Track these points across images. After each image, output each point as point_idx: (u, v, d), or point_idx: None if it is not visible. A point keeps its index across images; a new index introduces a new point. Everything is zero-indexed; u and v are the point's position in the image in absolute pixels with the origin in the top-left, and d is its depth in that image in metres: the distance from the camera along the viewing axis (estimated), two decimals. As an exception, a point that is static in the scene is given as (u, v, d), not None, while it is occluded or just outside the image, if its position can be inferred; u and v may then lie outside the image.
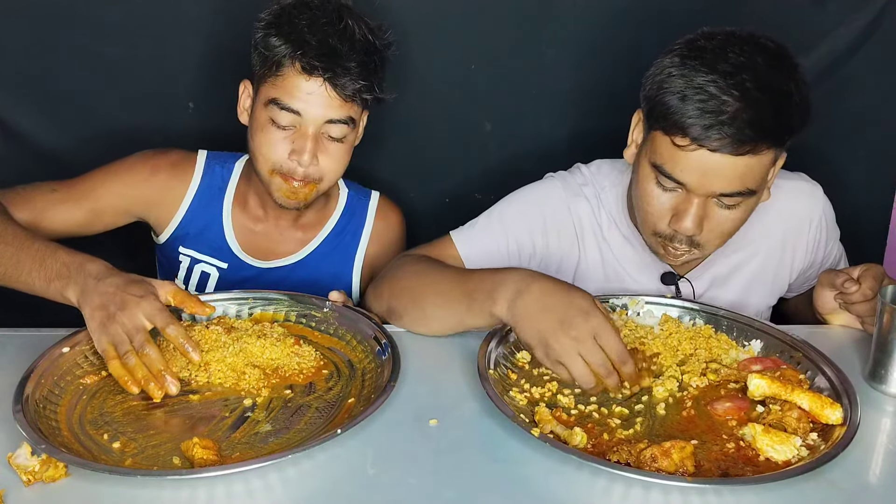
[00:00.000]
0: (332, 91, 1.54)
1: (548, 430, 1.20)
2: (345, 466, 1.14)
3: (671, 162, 1.39)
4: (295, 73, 1.53)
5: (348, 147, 1.62)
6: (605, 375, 1.25)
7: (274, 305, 1.50)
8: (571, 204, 1.62)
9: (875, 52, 1.96)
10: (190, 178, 1.72)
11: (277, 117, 1.56)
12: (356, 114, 1.60)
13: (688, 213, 1.41)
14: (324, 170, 1.60)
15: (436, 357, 1.42)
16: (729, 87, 1.32)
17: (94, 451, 1.14)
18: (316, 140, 1.57)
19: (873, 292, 1.45)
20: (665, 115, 1.37)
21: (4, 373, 1.29)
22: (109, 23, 1.83)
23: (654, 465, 1.11)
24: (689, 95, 1.34)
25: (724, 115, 1.32)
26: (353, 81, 1.54)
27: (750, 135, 1.33)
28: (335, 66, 1.52)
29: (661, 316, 1.50)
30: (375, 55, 1.58)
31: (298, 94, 1.54)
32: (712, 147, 1.34)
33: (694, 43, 1.39)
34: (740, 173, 1.37)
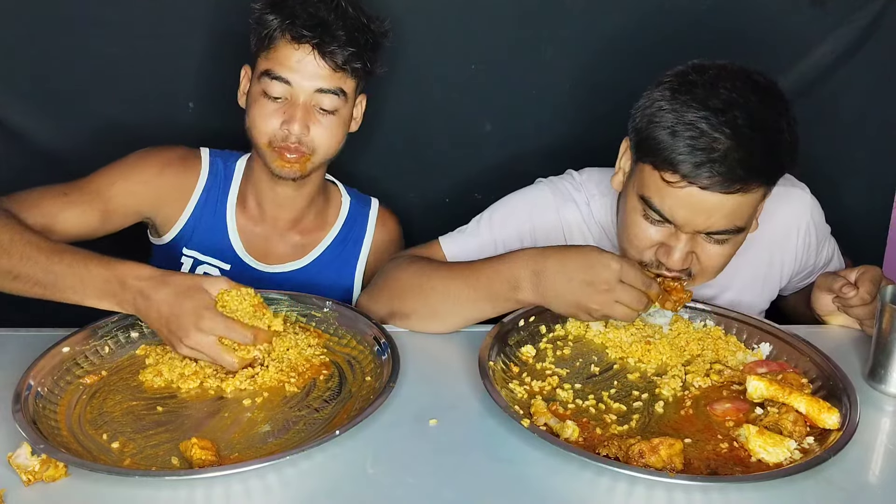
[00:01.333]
0: (321, 60, 1.55)
1: (541, 422, 1.20)
2: (344, 466, 1.14)
3: (659, 197, 1.36)
4: (285, 44, 1.56)
5: (341, 121, 1.62)
6: (642, 309, 1.34)
7: (274, 305, 1.50)
8: (561, 209, 1.61)
9: (875, 52, 1.96)
10: (197, 174, 1.72)
11: (269, 88, 1.57)
12: (348, 87, 1.61)
13: (676, 248, 1.38)
14: (315, 141, 1.60)
15: (436, 357, 1.42)
16: (721, 124, 1.29)
17: (93, 450, 1.15)
18: (307, 110, 1.58)
19: (871, 296, 1.45)
20: (655, 149, 1.34)
21: (4, 373, 1.29)
22: (109, 23, 1.83)
23: (642, 461, 1.11)
24: (679, 131, 1.31)
25: (715, 153, 1.29)
26: (342, 49, 1.56)
27: (741, 174, 1.30)
28: (324, 34, 1.54)
29: (672, 316, 1.50)
30: (367, 33, 1.60)
31: (288, 63, 1.56)
32: (702, 185, 1.31)
33: (685, 77, 1.36)
34: (729, 211, 1.34)
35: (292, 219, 1.74)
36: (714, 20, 1.92)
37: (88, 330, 1.38)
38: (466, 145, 2.02)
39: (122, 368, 1.34)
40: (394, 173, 2.01)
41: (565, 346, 1.43)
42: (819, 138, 1.99)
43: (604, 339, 1.45)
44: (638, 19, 1.93)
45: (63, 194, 1.58)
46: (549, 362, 1.38)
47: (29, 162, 1.90)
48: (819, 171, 1.73)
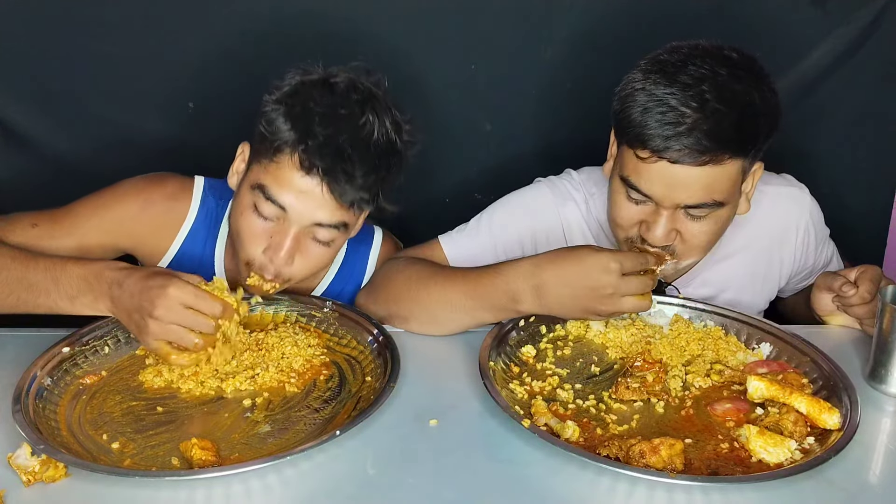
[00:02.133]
0: (329, 194, 1.37)
1: (542, 422, 1.20)
2: (345, 467, 1.14)
3: (636, 174, 1.40)
4: (291, 166, 1.37)
5: (334, 249, 1.47)
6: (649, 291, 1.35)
7: (274, 305, 1.50)
8: (560, 208, 1.62)
9: (875, 52, 1.96)
10: (185, 212, 1.57)
11: (261, 207, 1.40)
12: (351, 219, 1.44)
13: (657, 223, 1.41)
14: (296, 271, 1.44)
15: (436, 357, 1.42)
16: (687, 98, 1.33)
17: (93, 451, 1.14)
18: (297, 241, 1.41)
19: (871, 295, 1.45)
20: (629, 128, 1.38)
21: (4, 373, 1.29)
22: (109, 23, 1.83)
23: (643, 461, 1.11)
24: (650, 108, 1.35)
25: (682, 126, 1.33)
26: (354, 190, 1.38)
27: (708, 145, 1.33)
28: (337, 168, 1.36)
29: (673, 316, 1.50)
30: (391, 157, 1.43)
31: (289, 189, 1.38)
32: (672, 158, 1.34)
33: (657, 57, 1.40)
34: (704, 184, 1.37)
35: None
36: (714, 20, 1.92)
37: (88, 330, 1.38)
38: (466, 145, 2.02)
39: (122, 368, 1.34)
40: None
41: (566, 346, 1.43)
42: (819, 138, 1.99)
43: (604, 339, 1.45)
44: (638, 19, 1.93)
45: (32, 225, 1.48)
46: (549, 362, 1.38)
47: (29, 162, 1.90)
48: (819, 170, 1.73)
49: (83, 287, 1.29)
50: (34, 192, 1.68)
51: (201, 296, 1.25)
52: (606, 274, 1.31)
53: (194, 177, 1.62)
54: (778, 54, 1.93)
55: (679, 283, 1.61)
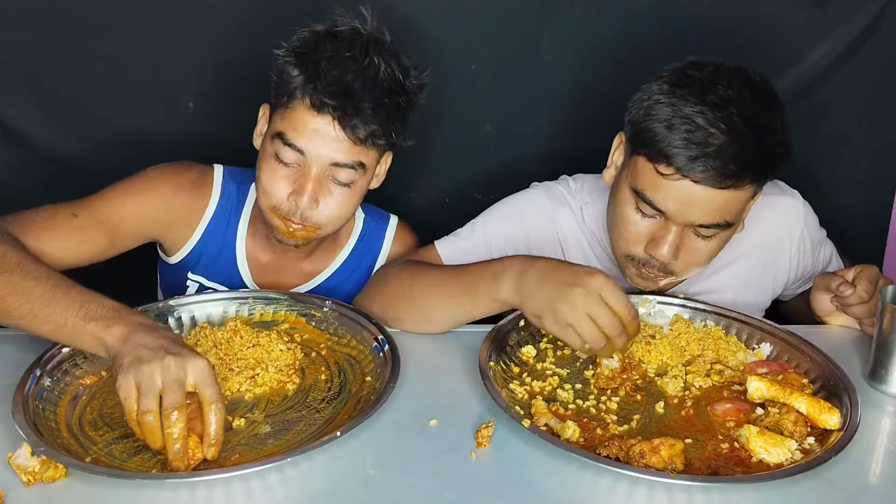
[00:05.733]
0: (341, 132, 1.43)
1: (542, 423, 1.20)
2: (345, 467, 1.14)
3: (653, 189, 1.38)
4: (304, 109, 1.43)
5: (356, 192, 1.52)
6: (615, 335, 1.25)
7: (274, 305, 1.50)
8: (556, 213, 1.61)
9: (875, 52, 1.96)
10: (208, 199, 1.63)
11: (281, 153, 1.46)
12: (368, 158, 1.49)
13: (665, 240, 1.40)
14: (322, 216, 1.49)
15: (436, 357, 1.42)
16: (717, 119, 1.31)
17: (93, 451, 1.14)
18: (319, 182, 1.47)
19: (869, 294, 1.45)
20: (650, 142, 1.36)
21: (4, 373, 1.29)
22: (109, 23, 1.83)
23: (643, 462, 1.11)
24: (675, 125, 1.33)
25: (709, 147, 1.31)
26: (365, 124, 1.43)
27: (734, 169, 1.32)
28: (347, 104, 1.42)
29: (673, 316, 1.50)
30: (399, 97, 1.47)
31: (304, 132, 1.44)
32: (696, 178, 1.33)
33: (683, 72, 1.38)
34: (720, 206, 1.36)
35: (305, 249, 1.63)
36: (714, 20, 1.92)
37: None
38: (466, 145, 2.02)
39: (122, 369, 1.34)
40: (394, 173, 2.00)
41: (566, 346, 1.43)
42: (819, 138, 1.99)
43: (604, 339, 1.44)
44: (638, 19, 1.93)
45: (73, 216, 1.49)
46: (549, 362, 1.38)
47: (29, 162, 1.90)
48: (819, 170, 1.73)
49: (108, 315, 1.19)
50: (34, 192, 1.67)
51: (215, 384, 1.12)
52: (590, 278, 1.25)
53: (213, 165, 1.66)
54: (778, 54, 1.93)
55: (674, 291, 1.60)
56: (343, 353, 1.40)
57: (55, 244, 1.45)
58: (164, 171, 1.60)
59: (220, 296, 1.51)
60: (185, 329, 1.45)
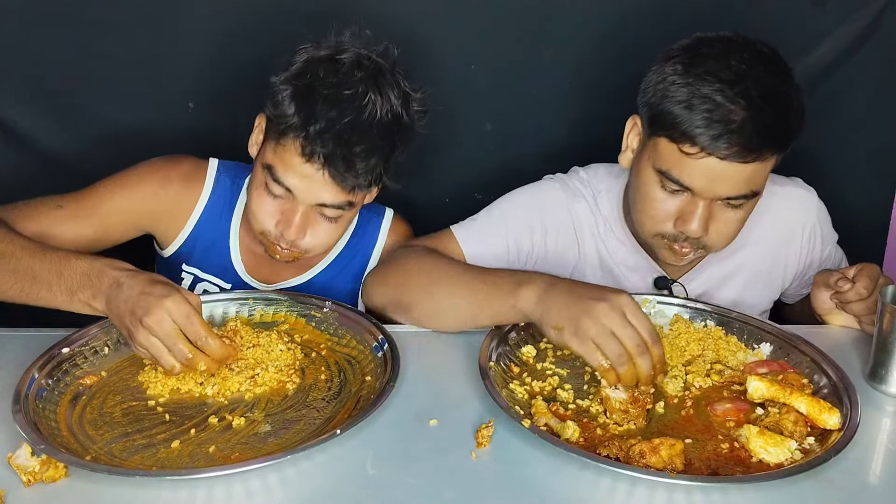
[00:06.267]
0: (330, 179, 1.44)
1: (542, 422, 1.20)
2: (345, 466, 1.14)
3: (678, 168, 1.40)
4: (294, 151, 1.43)
5: (344, 223, 1.54)
6: (636, 353, 1.22)
7: (274, 305, 1.50)
8: (571, 204, 1.62)
9: (875, 52, 1.96)
10: (200, 191, 1.64)
11: (270, 186, 1.47)
12: (356, 198, 1.50)
13: (694, 215, 1.42)
14: (309, 244, 1.52)
15: (436, 357, 1.42)
16: (735, 95, 1.34)
17: (93, 451, 1.14)
18: (306, 216, 1.49)
19: (868, 291, 1.45)
20: (671, 123, 1.38)
21: (4, 373, 1.29)
22: (109, 23, 1.83)
23: (643, 461, 1.11)
24: (695, 105, 1.35)
25: (732, 124, 1.33)
26: (354, 176, 1.44)
27: (757, 143, 1.35)
28: (337, 154, 1.41)
29: (673, 316, 1.50)
30: (395, 135, 1.47)
31: (294, 174, 1.44)
32: (721, 156, 1.35)
33: (696, 50, 1.40)
34: (746, 178, 1.39)
35: None
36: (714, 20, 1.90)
37: (88, 330, 1.38)
38: (466, 145, 2.02)
39: (121, 369, 1.34)
40: (393, 173, 2.01)
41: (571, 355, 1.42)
42: (819, 138, 1.99)
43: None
44: (637, 19, 1.93)
45: (58, 207, 1.52)
46: (549, 362, 1.38)
47: (29, 162, 1.90)
48: (819, 170, 1.73)
49: (84, 282, 1.28)
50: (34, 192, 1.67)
51: (192, 319, 1.23)
52: (617, 296, 1.25)
53: (209, 159, 1.67)
54: (778, 54, 1.93)
55: (685, 278, 1.62)
56: (343, 354, 1.40)
57: (40, 231, 1.49)
58: (154, 163, 1.63)
59: (220, 296, 1.51)
60: None
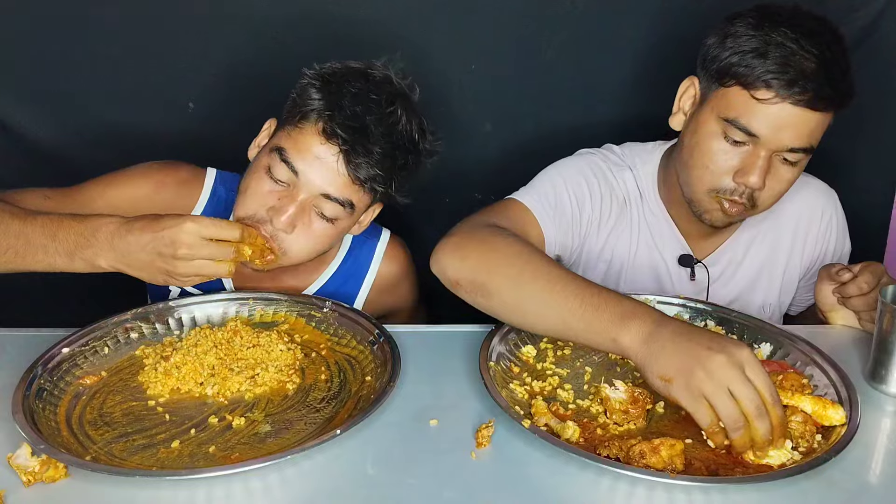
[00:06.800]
0: (344, 167, 1.41)
1: (542, 423, 1.20)
2: (345, 466, 1.14)
3: (748, 114, 1.42)
4: (313, 132, 1.41)
5: (335, 231, 1.47)
6: (755, 416, 1.10)
7: (274, 305, 1.50)
8: (617, 172, 1.65)
9: (875, 52, 1.96)
10: (196, 200, 1.60)
11: (275, 168, 1.42)
12: (359, 200, 1.46)
13: (755, 166, 1.44)
14: (292, 243, 1.44)
15: (436, 357, 1.42)
16: (810, 45, 1.38)
17: (93, 451, 1.14)
18: (302, 209, 1.43)
19: (869, 286, 1.46)
20: (744, 72, 1.41)
21: (4, 373, 1.29)
22: (109, 23, 1.83)
23: (643, 462, 1.11)
24: (770, 51, 1.39)
25: (806, 70, 1.38)
26: (370, 166, 1.41)
27: (828, 91, 1.39)
28: (358, 142, 1.40)
29: (674, 316, 1.50)
30: (410, 154, 1.46)
31: (307, 155, 1.41)
32: (794, 101, 1.39)
33: (765, 10, 1.45)
34: (811, 129, 1.42)
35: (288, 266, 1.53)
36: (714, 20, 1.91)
37: (88, 330, 1.38)
38: (466, 145, 2.02)
39: (121, 369, 1.34)
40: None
41: (566, 346, 1.43)
42: (819, 138, 1.99)
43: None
44: (638, 19, 1.93)
45: (45, 197, 1.48)
46: (549, 362, 1.38)
47: (29, 162, 1.90)
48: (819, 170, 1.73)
49: (81, 242, 1.25)
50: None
51: (218, 223, 1.26)
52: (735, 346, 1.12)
53: (206, 168, 1.64)
54: (778, 54, 1.93)
55: (708, 260, 1.66)
56: (343, 354, 1.40)
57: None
58: (151, 166, 1.59)
59: (220, 296, 1.51)
60: (185, 329, 1.45)
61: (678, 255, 1.66)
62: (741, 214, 1.53)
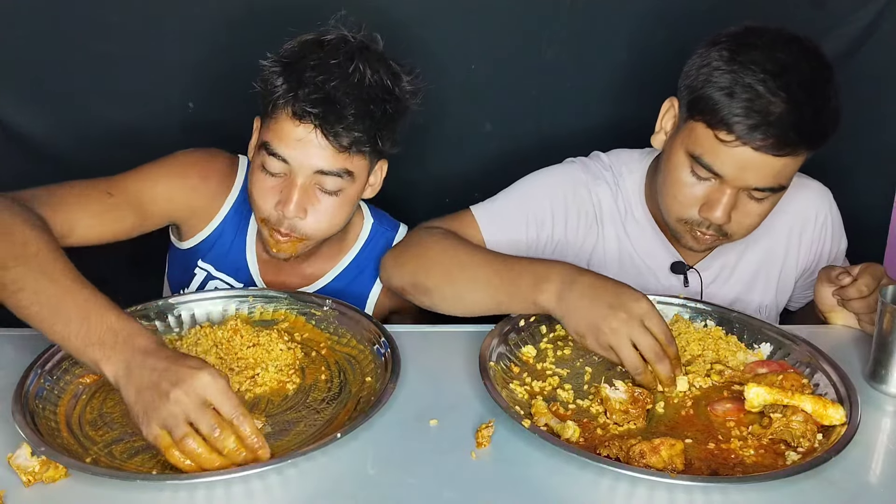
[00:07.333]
0: (324, 139, 1.42)
1: (542, 423, 1.20)
2: (345, 467, 1.14)
3: (711, 154, 1.41)
4: (286, 118, 1.43)
5: (345, 201, 1.50)
6: (655, 360, 1.26)
7: (274, 304, 1.50)
8: (592, 187, 1.63)
9: (875, 52, 1.96)
10: (230, 190, 1.64)
11: (267, 163, 1.46)
12: (354, 166, 1.47)
13: (719, 202, 1.43)
14: (310, 227, 1.48)
15: (436, 357, 1.42)
16: (777, 87, 1.35)
17: (93, 452, 1.14)
18: (304, 191, 1.46)
19: (868, 289, 1.46)
20: (710, 109, 1.39)
21: (4, 373, 1.29)
22: (109, 23, 1.83)
23: (643, 461, 1.11)
24: (736, 93, 1.36)
25: (770, 115, 1.35)
26: (348, 131, 1.42)
27: (793, 137, 1.36)
28: (329, 112, 1.41)
29: (673, 316, 1.50)
30: (387, 103, 1.46)
31: (288, 141, 1.44)
32: (755, 146, 1.37)
33: (743, 39, 1.41)
34: (776, 171, 1.40)
35: (308, 252, 1.61)
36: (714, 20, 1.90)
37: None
38: (466, 145, 2.02)
39: (122, 369, 1.34)
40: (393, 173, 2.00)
41: (566, 346, 1.43)
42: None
43: (605, 339, 1.44)
44: (637, 20, 1.93)
45: (108, 194, 1.49)
46: (549, 362, 1.38)
47: (29, 162, 1.90)
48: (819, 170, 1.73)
49: (106, 340, 1.13)
50: (34, 192, 1.68)
51: (229, 394, 1.09)
52: (635, 303, 1.27)
53: (238, 155, 1.68)
54: (778, 54, 1.93)
55: (701, 265, 1.65)
56: (343, 353, 1.40)
57: (85, 221, 1.44)
58: (194, 155, 1.63)
59: (220, 294, 1.51)
60: (184, 327, 1.45)
61: (669, 264, 1.64)
62: (714, 243, 1.52)
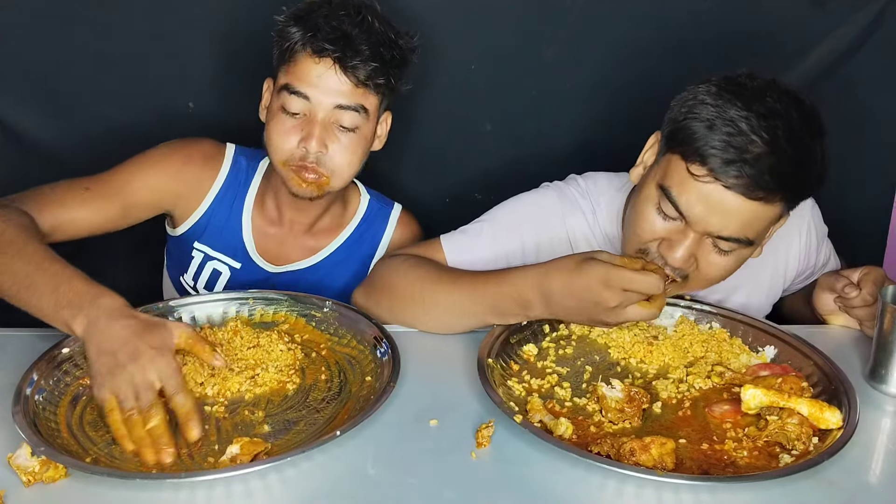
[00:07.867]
0: (343, 75, 1.52)
1: (536, 419, 1.20)
2: (345, 467, 1.14)
3: (680, 188, 1.34)
4: (306, 58, 1.52)
5: (361, 139, 1.58)
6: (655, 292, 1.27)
7: (274, 305, 1.50)
8: (567, 216, 1.58)
9: (875, 52, 1.96)
10: (217, 171, 1.70)
11: (288, 103, 1.54)
12: (370, 103, 1.57)
13: (681, 244, 1.36)
14: (334, 161, 1.56)
15: (436, 357, 1.42)
16: (760, 128, 1.28)
17: (93, 452, 1.14)
18: (325, 127, 1.54)
19: (873, 297, 1.45)
20: (688, 140, 1.32)
21: (4, 373, 1.29)
22: (109, 23, 1.83)
23: (633, 459, 1.11)
24: (717, 126, 1.29)
25: (748, 154, 1.28)
26: (364, 64, 1.52)
27: (768, 181, 1.29)
28: (346, 48, 1.51)
29: (678, 317, 1.50)
30: (393, 49, 1.56)
31: (308, 78, 1.52)
32: (727, 184, 1.29)
33: (734, 79, 1.35)
34: (746, 219, 1.32)
35: (309, 223, 1.72)
36: (714, 20, 1.92)
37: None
38: (466, 145, 2.02)
39: (122, 369, 1.34)
40: (394, 173, 2.01)
41: (568, 345, 1.43)
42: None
43: (607, 339, 1.44)
44: (638, 20, 1.93)
45: (85, 189, 1.56)
46: (549, 361, 1.38)
47: (29, 162, 1.90)
48: (819, 171, 1.73)
49: (74, 301, 1.21)
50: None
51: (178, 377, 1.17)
52: (608, 289, 1.26)
53: (227, 143, 1.72)
54: (778, 54, 1.93)
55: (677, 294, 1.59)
56: (343, 353, 1.40)
57: (66, 216, 1.52)
58: (176, 144, 1.69)
59: (220, 296, 1.51)
60: None
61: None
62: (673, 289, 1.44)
